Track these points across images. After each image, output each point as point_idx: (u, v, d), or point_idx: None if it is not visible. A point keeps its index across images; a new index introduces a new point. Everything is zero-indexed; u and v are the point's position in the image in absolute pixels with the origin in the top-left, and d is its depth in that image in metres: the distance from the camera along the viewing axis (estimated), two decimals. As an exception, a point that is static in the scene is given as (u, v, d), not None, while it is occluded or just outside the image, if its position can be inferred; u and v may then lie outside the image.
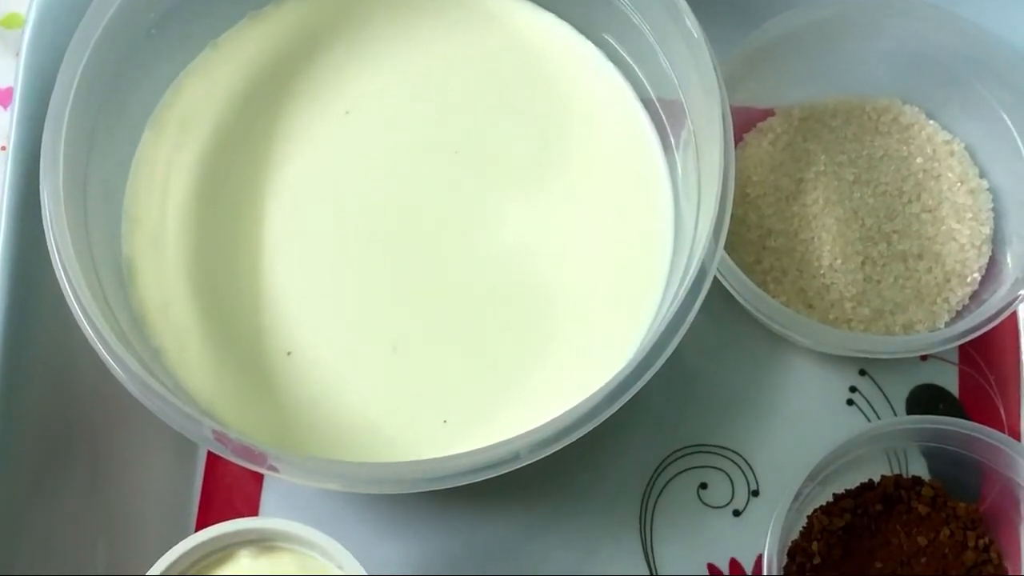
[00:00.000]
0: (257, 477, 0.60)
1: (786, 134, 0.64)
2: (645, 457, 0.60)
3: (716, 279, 0.56)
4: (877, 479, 0.59)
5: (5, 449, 0.55)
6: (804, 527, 0.59)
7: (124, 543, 0.58)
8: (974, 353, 0.62)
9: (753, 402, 0.61)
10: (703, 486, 0.60)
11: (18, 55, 0.58)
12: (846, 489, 0.59)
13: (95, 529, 0.58)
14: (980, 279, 0.62)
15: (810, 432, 0.61)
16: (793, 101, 0.65)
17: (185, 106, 0.59)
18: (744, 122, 0.65)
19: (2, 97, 0.67)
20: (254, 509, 0.59)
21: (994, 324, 0.59)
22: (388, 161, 0.59)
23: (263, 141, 0.58)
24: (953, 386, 0.62)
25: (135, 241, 0.57)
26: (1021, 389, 0.62)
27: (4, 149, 0.58)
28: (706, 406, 0.61)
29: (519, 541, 0.59)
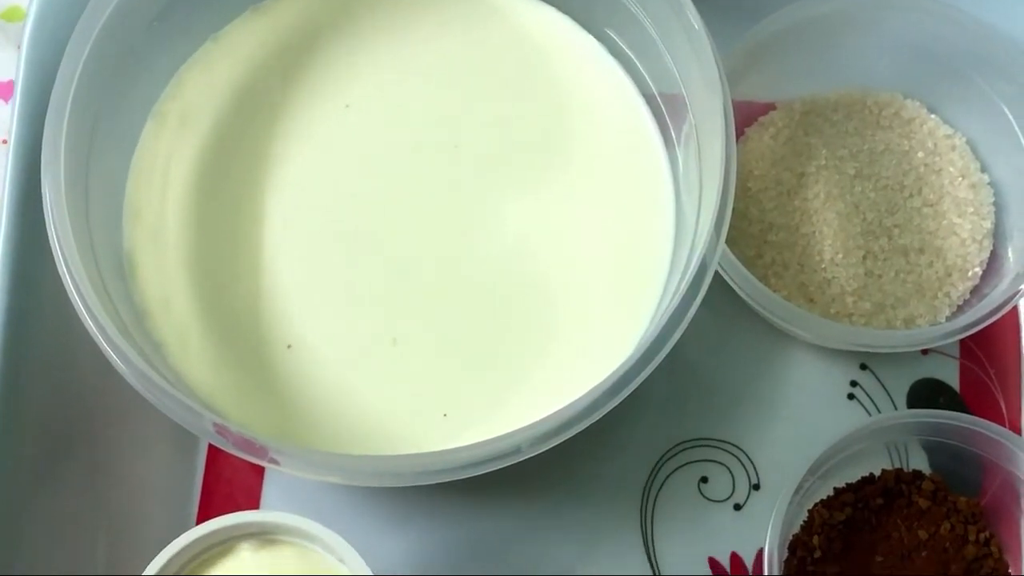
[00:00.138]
0: (258, 470, 0.60)
1: (787, 128, 0.64)
2: (646, 451, 0.60)
3: (717, 273, 0.56)
4: (878, 473, 0.59)
5: (6, 443, 0.55)
6: (805, 521, 0.59)
7: (125, 537, 0.58)
8: (975, 347, 0.62)
9: (754, 396, 0.61)
10: (704, 480, 0.60)
11: (19, 48, 0.58)
12: (847, 483, 0.59)
13: (96, 523, 0.58)
14: (981, 273, 0.62)
15: (811, 426, 0.61)
16: (794, 95, 0.65)
17: (186, 99, 0.59)
18: (745, 116, 0.65)
19: (3, 90, 0.67)
20: (255, 502, 0.60)
21: (995, 318, 0.59)
22: (389, 155, 0.59)
23: (264, 135, 0.58)
24: (954, 380, 0.62)
25: (136, 235, 0.57)
26: (1022, 383, 0.62)
27: (5, 143, 0.58)
28: (707, 400, 0.61)
29: (519, 535, 0.59)
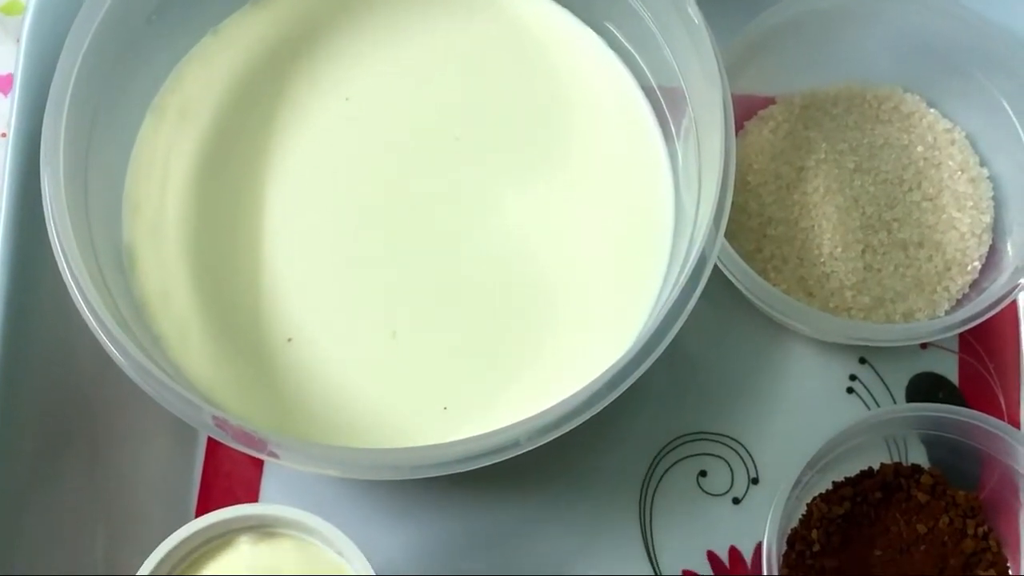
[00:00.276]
0: (257, 463, 0.60)
1: (787, 122, 0.64)
2: (645, 444, 0.60)
3: (716, 267, 0.56)
4: (877, 467, 0.59)
5: (5, 437, 0.55)
6: (803, 515, 0.59)
7: (124, 529, 0.58)
8: (974, 341, 0.62)
9: (753, 390, 0.61)
10: (703, 474, 0.60)
11: (18, 42, 0.58)
12: (845, 477, 0.59)
13: (95, 516, 0.58)
14: (980, 267, 0.62)
15: (810, 420, 0.61)
16: (794, 89, 0.65)
17: (185, 93, 0.59)
18: (745, 110, 0.64)
19: (3, 84, 0.67)
20: (254, 495, 0.60)
21: (994, 312, 0.59)
22: (388, 148, 0.59)
23: (263, 128, 0.58)
24: (953, 374, 0.62)
25: (135, 228, 0.57)
26: (1021, 377, 0.62)
27: (4, 136, 0.58)
28: (706, 394, 0.61)
29: (518, 528, 0.59)
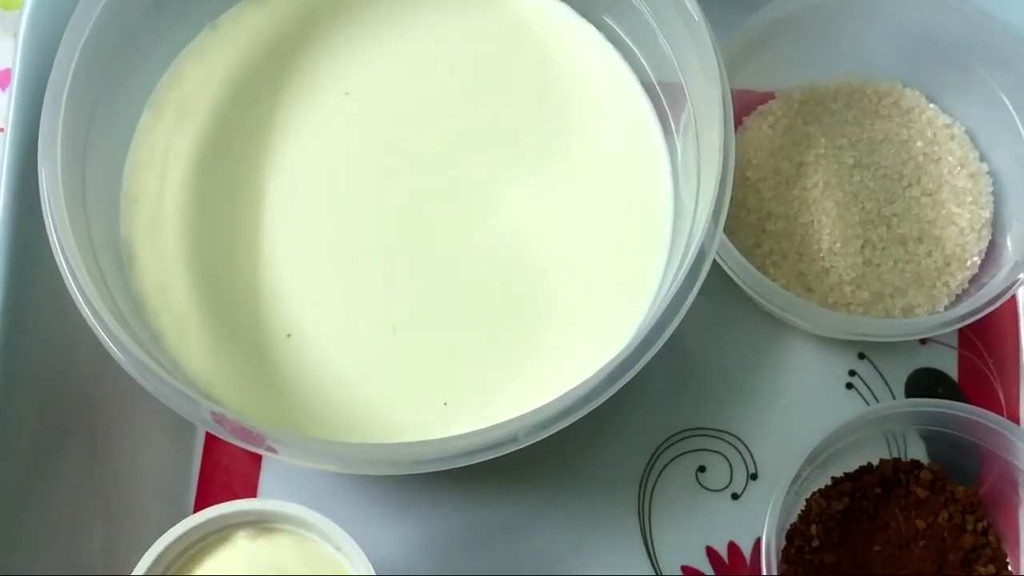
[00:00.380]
0: (255, 459, 0.60)
1: (786, 117, 0.64)
2: (644, 440, 0.60)
3: (715, 262, 0.56)
4: (876, 462, 0.59)
5: (4, 432, 0.55)
6: (803, 510, 0.59)
7: (122, 524, 0.58)
8: (973, 337, 0.62)
9: (752, 385, 0.61)
10: (702, 469, 0.60)
11: (16, 37, 0.58)
12: (845, 472, 0.59)
13: (93, 511, 0.58)
14: (980, 263, 0.62)
15: (809, 415, 0.61)
16: (793, 84, 0.65)
17: (184, 88, 0.59)
18: (744, 105, 0.64)
19: (0, 79, 0.67)
20: (252, 491, 0.60)
21: (993, 308, 0.59)
22: (387, 143, 0.58)
23: (262, 123, 0.58)
24: (952, 370, 0.62)
25: (134, 223, 0.57)
26: (1020, 373, 0.62)
27: (2, 131, 0.58)
28: (705, 389, 0.61)
29: (517, 524, 0.59)
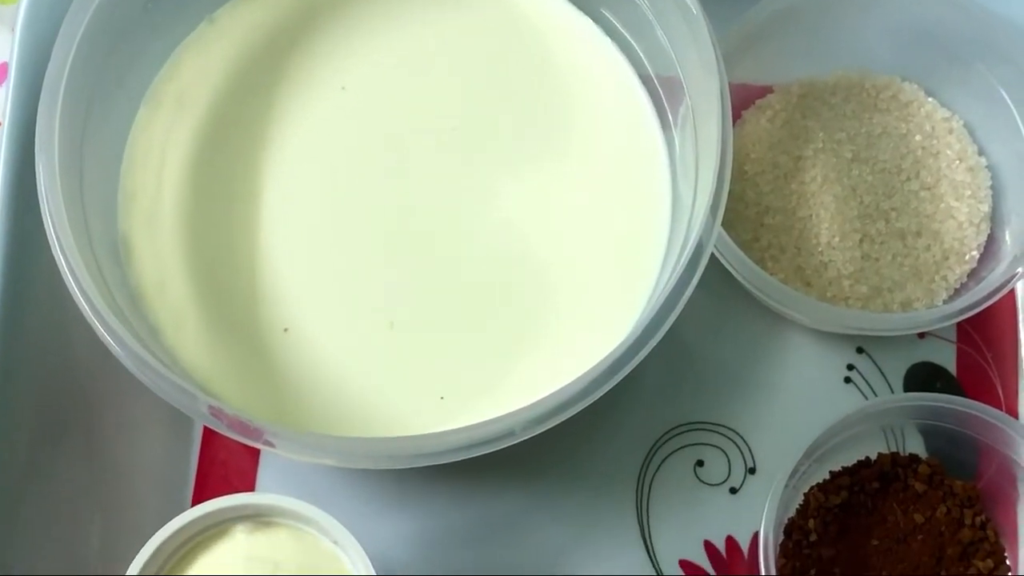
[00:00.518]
0: (253, 453, 0.60)
1: (784, 111, 0.64)
2: (642, 434, 0.60)
3: (714, 256, 0.56)
4: (874, 457, 0.59)
5: (1, 427, 0.55)
6: (800, 504, 0.59)
7: (120, 519, 0.58)
8: (972, 331, 0.62)
9: (750, 379, 0.61)
10: (700, 463, 0.60)
11: (13, 30, 0.58)
12: (843, 466, 0.59)
13: (91, 505, 0.58)
14: (978, 257, 0.62)
15: (807, 410, 0.60)
16: (792, 78, 0.65)
17: (181, 81, 0.58)
18: (742, 99, 0.64)
19: (-2, 73, 0.67)
20: (250, 485, 0.59)
21: (992, 302, 0.59)
22: (385, 138, 0.58)
23: (259, 117, 0.58)
24: (951, 364, 0.62)
25: (131, 217, 0.57)
26: (1018, 367, 0.62)
27: (0, 125, 0.58)
28: (703, 383, 0.61)
29: (514, 518, 0.59)
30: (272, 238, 0.57)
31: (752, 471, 0.60)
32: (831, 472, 0.59)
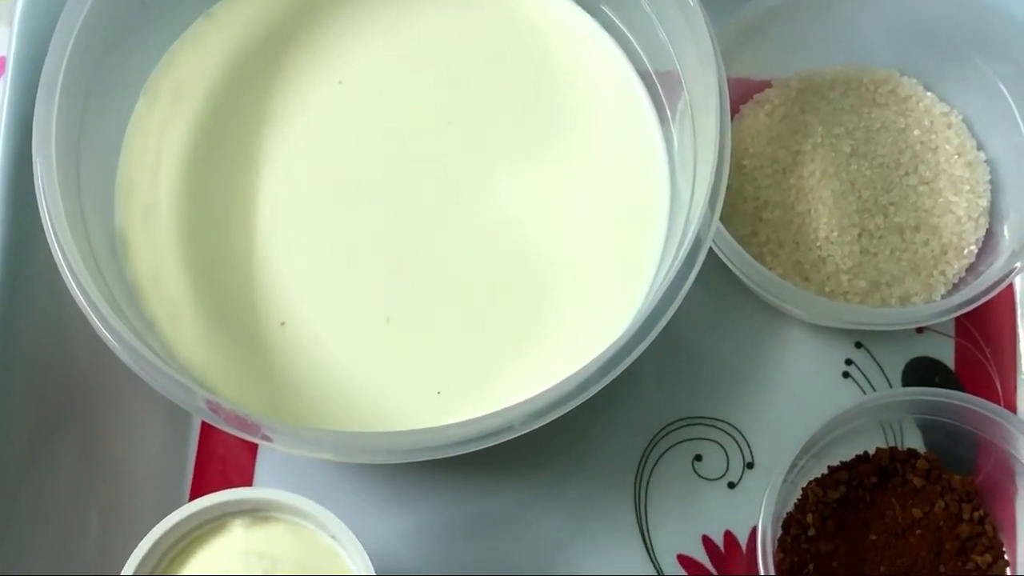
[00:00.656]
0: (251, 448, 0.60)
1: (783, 106, 0.64)
2: (640, 429, 0.60)
3: (712, 251, 0.56)
4: (872, 451, 0.59)
5: (-1, 421, 0.55)
6: (799, 499, 0.59)
7: (118, 514, 0.58)
8: (970, 325, 0.62)
9: (748, 374, 0.61)
10: (698, 458, 0.60)
11: (11, 24, 0.58)
12: (841, 461, 0.59)
13: (89, 500, 0.58)
14: (977, 251, 0.62)
15: (805, 404, 0.60)
16: (790, 72, 0.64)
17: (179, 75, 0.58)
18: (741, 94, 0.64)
19: (-5, 67, 0.67)
20: (248, 480, 0.59)
21: (990, 296, 0.59)
22: (383, 132, 0.58)
23: (256, 111, 0.58)
24: (949, 358, 0.62)
25: (128, 212, 0.57)
26: (1017, 361, 0.62)
27: (-3, 119, 0.58)
28: (701, 378, 0.61)
29: (512, 512, 0.59)
30: (269, 232, 0.57)
31: (750, 466, 0.60)
32: (829, 467, 0.59)
